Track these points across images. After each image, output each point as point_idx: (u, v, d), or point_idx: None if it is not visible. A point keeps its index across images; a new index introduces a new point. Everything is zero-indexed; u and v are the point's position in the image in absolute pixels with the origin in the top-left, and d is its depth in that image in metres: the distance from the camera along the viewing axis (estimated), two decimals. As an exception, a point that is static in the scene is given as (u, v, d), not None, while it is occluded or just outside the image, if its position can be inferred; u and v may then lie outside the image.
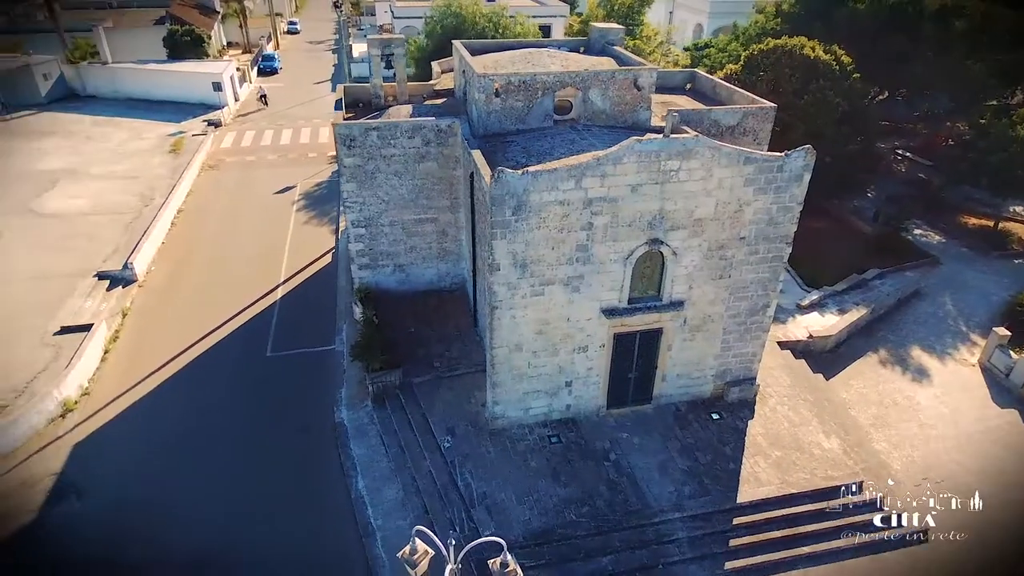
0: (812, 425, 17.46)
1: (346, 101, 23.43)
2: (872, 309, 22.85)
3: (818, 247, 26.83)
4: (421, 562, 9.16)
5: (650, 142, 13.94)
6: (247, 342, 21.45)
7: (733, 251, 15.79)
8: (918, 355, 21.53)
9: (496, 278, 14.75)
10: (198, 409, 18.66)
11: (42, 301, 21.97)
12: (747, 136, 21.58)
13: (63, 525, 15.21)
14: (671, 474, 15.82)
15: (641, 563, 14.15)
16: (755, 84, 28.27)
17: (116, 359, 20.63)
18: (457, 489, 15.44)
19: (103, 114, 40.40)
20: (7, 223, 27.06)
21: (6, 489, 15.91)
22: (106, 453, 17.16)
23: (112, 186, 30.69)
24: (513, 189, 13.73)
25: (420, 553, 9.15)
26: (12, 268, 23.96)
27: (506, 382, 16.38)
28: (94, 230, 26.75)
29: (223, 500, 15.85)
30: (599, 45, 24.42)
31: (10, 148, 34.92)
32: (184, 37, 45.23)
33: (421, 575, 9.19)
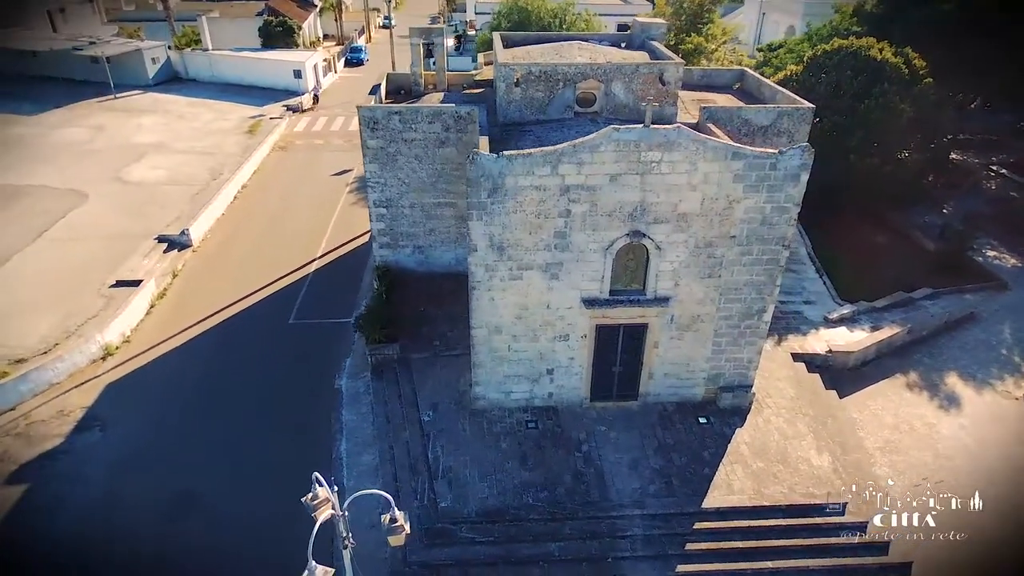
0: (806, 440, 16.61)
1: (388, 88, 24.48)
2: (910, 329, 21.26)
3: (868, 260, 25.30)
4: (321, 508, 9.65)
5: (629, 131, 13.82)
6: (274, 309, 22.95)
7: (723, 250, 15.31)
8: (953, 382, 19.86)
9: (474, 259, 15.11)
10: (218, 365, 20.22)
11: (108, 257, 24.50)
12: (782, 137, 20.76)
13: (85, 450, 17.07)
14: (640, 471, 15.59)
15: (589, 554, 14.08)
16: (814, 86, 26.94)
17: (159, 313, 22.69)
18: (427, 461, 15.95)
19: (198, 96, 44.06)
20: (97, 188, 30.24)
21: (41, 417, 17.99)
22: (133, 395, 19.00)
23: (189, 160, 33.55)
24: (488, 171, 14.03)
25: (321, 499, 9.63)
26: (91, 227, 26.82)
27: (486, 363, 16.70)
28: (165, 198, 29.40)
29: (222, 448, 17.17)
30: (639, 40, 24.10)
31: (113, 123, 38.86)
32: (276, 27, 48.46)
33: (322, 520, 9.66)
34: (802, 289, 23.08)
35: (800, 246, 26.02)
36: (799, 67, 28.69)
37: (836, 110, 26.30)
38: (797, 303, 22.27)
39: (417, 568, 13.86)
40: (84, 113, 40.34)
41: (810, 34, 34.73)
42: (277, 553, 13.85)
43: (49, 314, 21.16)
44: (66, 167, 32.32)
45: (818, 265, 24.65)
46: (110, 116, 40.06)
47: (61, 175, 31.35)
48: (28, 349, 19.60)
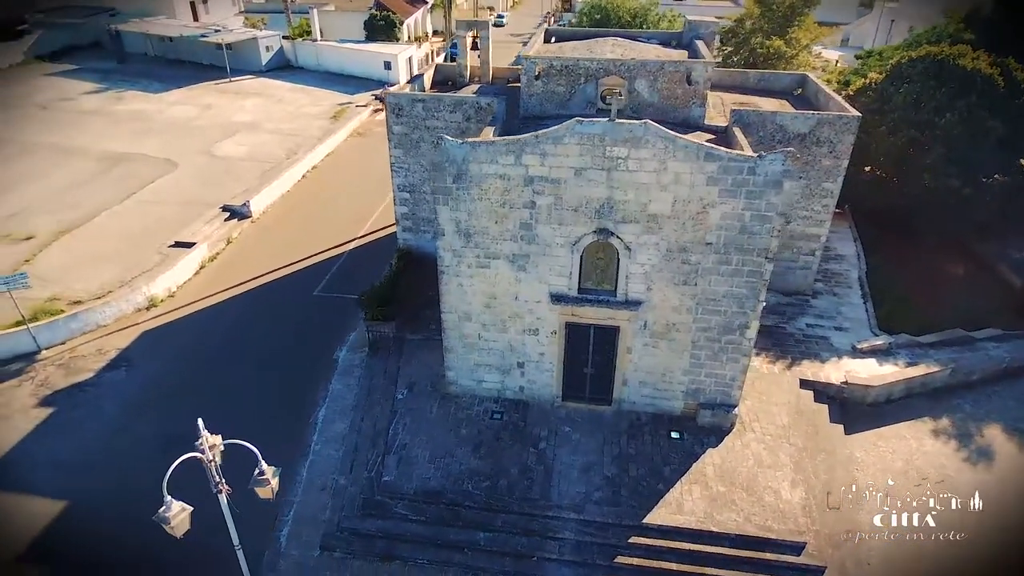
0: (783, 471, 15.34)
1: (436, 78, 25.27)
2: (953, 370, 18.93)
3: (934, 292, 22.77)
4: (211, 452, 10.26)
5: (592, 124, 13.47)
6: (305, 281, 24.38)
7: (698, 256, 14.48)
8: (993, 435, 17.51)
9: (442, 243, 15.35)
10: (241, 326, 21.84)
11: (177, 220, 27.13)
12: (822, 147, 19.46)
13: (109, 386, 19.15)
14: (590, 477, 15.13)
15: (515, 549, 13.91)
16: (891, 96, 24.59)
17: (206, 274, 24.84)
18: (387, 436, 16.40)
19: (299, 82, 47.40)
20: (187, 159, 33.50)
21: (83, 353, 20.35)
22: (161, 343, 20.98)
23: (272, 140, 36.26)
24: (453, 157, 14.20)
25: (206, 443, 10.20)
26: (172, 193, 29.80)
27: (457, 349, 16.87)
28: (241, 172, 32.02)
29: (220, 400, 18.48)
30: (688, 39, 23.19)
31: (221, 103, 42.74)
32: (380, 21, 51.04)
33: (181, 460, 10.30)
34: (837, 314, 21.19)
35: (853, 268, 23.89)
36: (880, 75, 26.27)
37: (913, 123, 23.83)
38: (826, 328, 20.49)
39: (347, 534, 14.35)
40: (200, 94, 44.66)
41: (910, 40, 31.58)
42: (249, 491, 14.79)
43: (113, 265, 23.82)
44: (169, 140, 36.02)
45: (866, 290, 22.50)
46: (220, 97, 44.08)
47: (162, 146, 34.99)
48: (87, 293, 22.21)
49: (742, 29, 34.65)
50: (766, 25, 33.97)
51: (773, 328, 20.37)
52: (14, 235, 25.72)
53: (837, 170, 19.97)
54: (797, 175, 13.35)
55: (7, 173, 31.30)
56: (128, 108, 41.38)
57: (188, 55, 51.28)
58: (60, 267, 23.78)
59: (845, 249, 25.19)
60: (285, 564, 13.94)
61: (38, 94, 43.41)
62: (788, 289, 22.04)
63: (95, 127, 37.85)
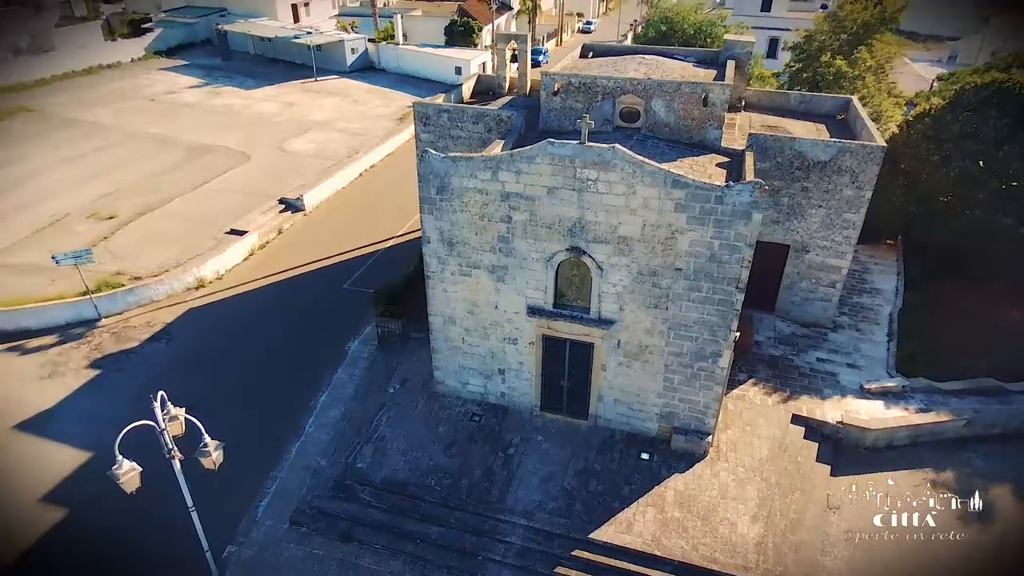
0: (747, 505, 15.10)
1: (477, 88, 26.26)
2: (969, 421, 17.73)
3: (976, 337, 21.20)
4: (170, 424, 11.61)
5: (563, 146, 13.86)
6: (338, 274, 26.04)
7: (668, 281, 14.55)
8: (1000, 495, 16.28)
9: (427, 250, 16.21)
10: (272, 311, 23.71)
11: (237, 209, 29.63)
12: (843, 176, 18.88)
13: (150, 355, 21.46)
14: (548, 486, 15.54)
15: (463, 547, 14.56)
16: (948, 125, 23.12)
17: (253, 261, 27.04)
18: (370, 427, 17.49)
19: (377, 84, 49.89)
20: (259, 153, 36.32)
21: (134, 324, 22.85)
22: (200, 321, 23.18)
23: (339, 138, 38.57)
24: (436, 170, 15.02)
25: (163, 415, 11.55)
26: (240, 183, 32.50)
27: (443, 351, 17.70)
28: (305, 168, 34.37)
29: (237, 377, 20.37)
30: (723, 58, 22.87)
31: (302, 101, 45.79)
32: (459, 27, 52.76)
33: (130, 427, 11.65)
34: (854, 351, 20.26)
35: (887, 304, 22.68)
36: (941, 101, 24.68)
37: (968, 154, 22.33)
38: (837, 364, 19.67)
39: (315, 512, 15.51)
40: (286, 91, 48.00)
41: (991, 64, 29.25)
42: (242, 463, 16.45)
43: (174, 246, 26.45)
44: (249, 134, 39.12)
45: (893, 328, 21.33)
46: (303, 95, 47.19)
47: (241, 140, 38.09)
48: (147, 271, 24.83)
49: (810, 46, 33.30)
50: (835, 43, 32.51)
51: (780, 359, 19.83)
52: (100, 214, 29.03)
53: (860, 201, 19.16)
54: (765, 206, 13.17)
55: (107, 159, 35.19)
56: (221, 103, 45.18)
57: (283, 55, 55.15)
58: (131, 245, 26.67)
59: (884, 283, 23.91)
60: (256, 532, 15.29)
61: (149, 87, 48.22)
62: (806, 320, 21.31)
63: (190, 119, 41.66)
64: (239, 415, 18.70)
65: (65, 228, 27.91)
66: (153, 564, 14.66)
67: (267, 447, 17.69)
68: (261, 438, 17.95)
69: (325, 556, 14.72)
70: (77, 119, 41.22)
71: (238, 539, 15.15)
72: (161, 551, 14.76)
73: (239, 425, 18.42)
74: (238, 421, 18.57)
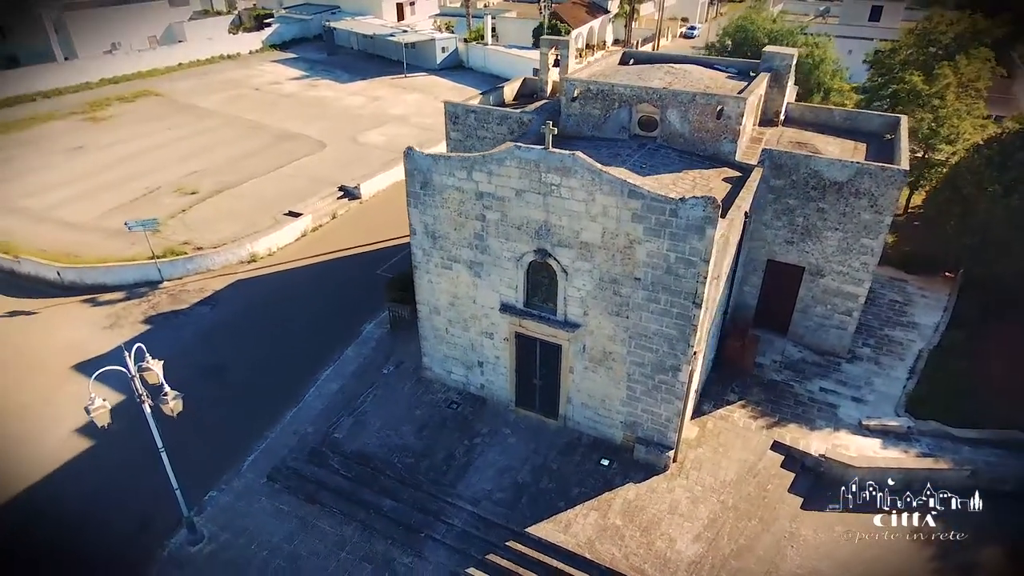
0: (693, 524, 14.88)
1: (522, 90, 27.10)
2: (972, 472, 16.33)
3: (1017, 383, 19.36)
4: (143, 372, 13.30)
5: (529, 150, 14.30)
6: (375, 259, 27.67)
7: (628, 290, 14.62)
8: (990, 556, 14.96)
9: (413, 241, 17.16)
10: (309, 288, 25.68)
11: (301, 192, 32.10)
12: (861, 199, 18.13)
13: (195, 317, 24.01)
14: (501, 478, 16.05)
15: (410, 522, 15.40)
16: (1016, 151, 21.19)
17: (305, 241, 29.28)
18: (355, 401, 18.74)
19: (461, 82, 51.68)
20: (335, 143, 38.94)
21: (189, 289, 25.56)
22: (245, 292, 25.53)
23: (408, 131, 40.50)
24: (420, 166, 15.91)
25: (138, 368, 13.26)
26: (310, 169, 35.11)
27: (429, 338, 18.61)
28: (371, 158, 36.52)
29: (267, 343, 22.30)
30: (761, 69, 22.20)
31: (388, 96, 48.36)
32: (547, 30, 53.43)
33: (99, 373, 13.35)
34: (865, 384, 19.12)
35: (920, 340, 21.13)
36: (1017, 126, 22.55)
37: (1029, 185, 20.38)
38: (841, 396, 18.67)
39: (289, 471, 16.92)
40: (375, 86, 50.85)
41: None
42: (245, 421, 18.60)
43: (237, 223, 29.17)
44: (332, 125, 41.97)
45: (918, 366, 19.86)
46: (390, 91, 49.80)
47: (324, 130, 40.95)
48: (209, 243, 27.60)
49: (892, 61, 31.11)
50: (921, 57, 30.23)
51: (780, 384, 19.12)
52: (184, 189, 32.44)
53: (879, 226, 18.09)
54: (715, 223, 12.97)
55: (204, 140, 39.10)
56: (316, 95, 48.64)
57: (381, 51, 58.34)
58: (203, 219, 29.69)
59: (925, 318, 22.23)
60: (238, 482, 16.93)
61: (258, 77, 52.73)
62: (820, 347, 20.34)
63: (285, 108, 45.25)
64: (255, 378, 20.66)
65: (154, 200, 31.47)
66: (143, 499, 16.60)
67: (268, 410, 19.39)
68: (266, 401, 19.70)
69: (289, 512, 16.08)
70: (194, 104, 45.93)
71: (220, 486, 16.86)
72: (151, 487, 16.63)
73: (252, 387, 20.43)
74: (252, 383, 20.58)
